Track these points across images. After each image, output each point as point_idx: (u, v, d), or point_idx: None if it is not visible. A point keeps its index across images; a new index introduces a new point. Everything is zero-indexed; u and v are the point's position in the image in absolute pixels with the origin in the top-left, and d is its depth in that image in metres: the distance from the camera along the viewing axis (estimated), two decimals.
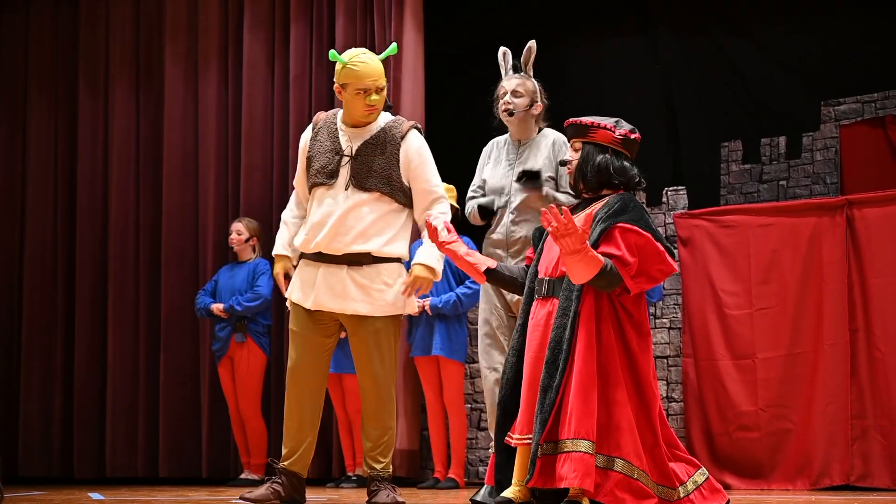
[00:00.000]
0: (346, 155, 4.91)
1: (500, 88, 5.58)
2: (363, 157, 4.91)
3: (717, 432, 6.94)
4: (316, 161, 4.94)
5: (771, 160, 7.62)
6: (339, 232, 4.85)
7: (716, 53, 7.84)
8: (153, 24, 8.82)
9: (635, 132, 4.62)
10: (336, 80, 4.92)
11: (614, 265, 4.32)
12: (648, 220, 4.44)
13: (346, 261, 4.86)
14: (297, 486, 4.99)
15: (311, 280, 4.92)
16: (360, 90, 4.85)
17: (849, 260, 6.67)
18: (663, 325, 7.33)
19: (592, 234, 4.40)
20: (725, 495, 4.63)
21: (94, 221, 8.76)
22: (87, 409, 8.60)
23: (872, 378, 6.54)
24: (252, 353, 7.81)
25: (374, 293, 4.88)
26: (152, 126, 8.76)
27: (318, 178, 4.92)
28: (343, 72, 4.87)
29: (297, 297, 4.95)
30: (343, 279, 4.87)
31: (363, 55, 4.91)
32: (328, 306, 4.89)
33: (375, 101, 4.88)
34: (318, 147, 4.97)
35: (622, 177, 4.58)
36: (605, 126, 4.61)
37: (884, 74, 7.36)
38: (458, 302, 7.03)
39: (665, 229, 7.40)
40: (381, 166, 4.89)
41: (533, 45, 5.56)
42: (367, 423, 4.97)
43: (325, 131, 5.00)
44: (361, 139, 4.94)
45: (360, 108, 4.90)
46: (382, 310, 4.89)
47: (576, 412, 4.25)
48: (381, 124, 4.98)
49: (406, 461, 7.58)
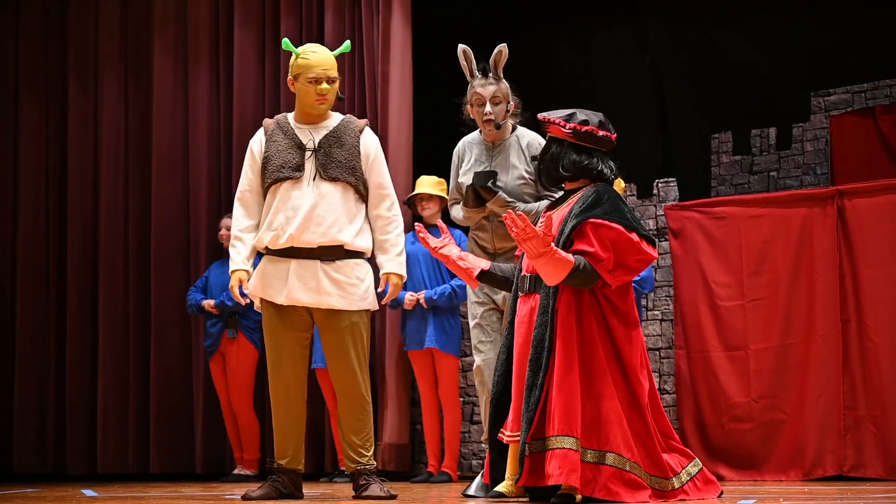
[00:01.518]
0: (309, 148, 4.94)
1: (472, 94, 5.48)
2: (326, 149, 4.94)
3: (709, 424, 6.95)
4: (276, 158, 4.94)
5: (761, 151, 7.62)
6: (311, 223, 4.86)
7: (705, 44, 7.83)
8: (142, 18, 8.79)
9: (589, 123, 4.56)
10: (290, 74, 4.97)
11: (588, 262, 4.32)
12: (624, 210, 4.43)
13: (319, 255, 4.88)
14: (295, 481, 5.04)
15: (281, 276, 4.91)
16: (312, 79, 4.90)
17: (840, 250, 6.68)
18: (655, 317, 7.33)
19: (564, 229, 4.41)
20: (719, 486, 4.64)
21: (84, 218, 8.73)
22: (79, 405, 8.58)
23: (864, 368, 6.55)
24: (243, 348, 7.80)
25: (348, 287, 4.90)
26: (142, 121, 8.73)
27: (281, 173, 4.90)
28: (295, 63, 4.94)
29: (270, 294, 4.93)
30: (316, 273, 4.87)
31: (315, 46, 5.03)
32: (302, 301, 4.89)
33: (326, 91, 4.91)
34: (276, 147, 4.96)
35: (573, 170, 4.56)
36: (555, 120, 4.59)
37: (873, 65, 7.36)
38: (453, 293, 7.02)
39: (656, 221, 7.40)
40: (344, 157, 4.93)
41: (504, 48, 5.45)
42: (349, 417, 4.96)
43: (279, 132, 5.00)
44: (320, 133, 4.98)
45: (311, 98, 4.93)
46: (357, 304, 4.92)
47: (559, 409, 4.26)
48: (336, 120, 5.03)
49: (396, 455, 7.58)
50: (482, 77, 5.46)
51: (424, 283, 7.17)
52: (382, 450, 7.48)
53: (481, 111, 5.44)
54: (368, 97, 7.91)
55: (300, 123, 5.02)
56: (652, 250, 4.42)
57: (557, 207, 4.62)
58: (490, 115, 5.42)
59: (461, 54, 5.52)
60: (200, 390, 8.26)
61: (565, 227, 4.42)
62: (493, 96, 5.43)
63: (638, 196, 7.52)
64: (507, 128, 5.51)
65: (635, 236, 4.37)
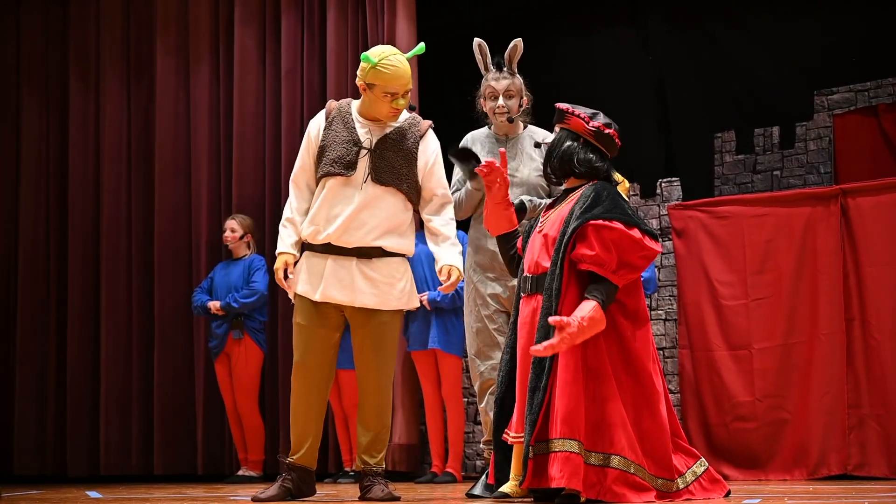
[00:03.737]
0: (366, 147, 4.85)
1: (486, 87, 5.50)
2: (382, 152, 4.85)
3: (713, 423, 6.94)
4: (331, 150, 4.85)
5: (764, 150, 7.61)
6: (351, 226, 4.81)
7: (708, 43, 7.83)
8: (143, 19, 8.79)
9: (611, 127, 4.57)
10: (361, 79, 4.81)
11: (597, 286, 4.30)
12: (624, 206, 4.42)
13: (356, 253, 4.83)
14: (307, 480, 4.97)
15: (318, 272, 4.86)
16: (388, 93, 4.78)
17: (843, 249, 6.67)
18: (659, 316, 7.33)
19: (566, 231, 4.40)
20: (725, 486, 4.63)
21: (85, 219, 8.73)
22: (80, 407, 8.57)
23: (868, 367, 6.54)
24: (249, 349, 7.79)
25: (383, 286, 4.85)
26: (144, 122, 8.74)
27: (333, 168, 4.83)
28: (371, 72, 4.77)
29: (304, 289, 4.88)
30: (352, 271, 4.83)
31: (393, 57, 4.80)
32: (336, 298, 4.84)
33: (402, 105, 4.82)
34: (333, 136, 4.87)
35: (585, 168, 4.57)
36: (580, 115, 4.59)
37: (876, 63, 7.36)
38: (456, 294, 7.01)
39: (659, 221, 7.40)
40: (399, 163, 4.85)
41: (519, 42, 5.48)
42: (367, 417, 4.93)
43: (339, 121, 4.91)
44: (380, 133, 4.88)
45: (385, 111, 4.83)
46: (389, 304, 4.87)
47: (561, 412, 4.25)
48: (400, 120, 4.93)
49: (405, 456, 7.57)
50: (496, 71, 5.48)
51: (427, 284, 7.16)
52: (392, 451, 7.46)
53: (494, 105, 5.46)
54: None
55: (363, 118, 4.92)
56: (655, 245, 4.40)
57: (557, 206, 4.62)
58: (503, 108, 5.43)
59: (476, 48, 5.53)
60: (202, 391, 8.25)
61: (567, 228, 4.41)
62: (506, 90, 5.45)
63: (641, 196, 7.51)
64: (518, 123, 5.53)
65: (637, 232, 4.36)
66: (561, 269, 4.37)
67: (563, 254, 4.38)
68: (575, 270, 4.38)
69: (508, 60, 5.48)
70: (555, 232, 4.46)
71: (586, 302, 4.27)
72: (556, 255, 4.40)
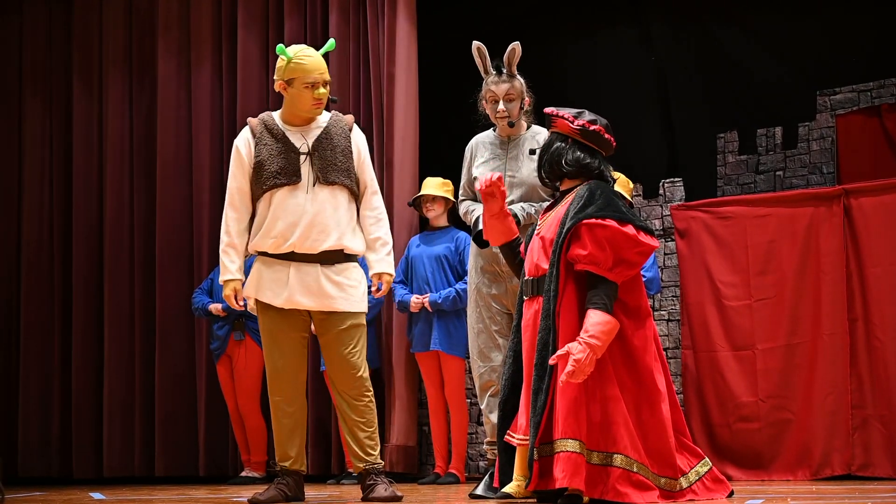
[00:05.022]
0: (304, 152, 4.93)
1: (486, 91, 5.52)
2: (321, 152, 4.94)
3: (717, 424, 6.94)
4: (270, 163, 4.91)
5: (767, 150, 7.60)
6: (312, 230, 4.87)
7: (710, 44, 7.81)
8: (146, 21, 8.79)
9: (596, 123, 4.58)
10: (279, 77, 4.94)
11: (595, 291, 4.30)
12: (617, 204, 4.42)
13: (319, 259, 4.89)
14: (300, 483, 5.06)
15: (280, 278, 4.90)
16: (308, 84, 4.89)
17: (846, 249, 6.67)
18: (662, 317, 7.32)
19: (562, 232, 4.41)
20: (728, 486, 4.63)
21: (89, 220, 8.73)
22: (84, 408, 8.57)
23: (872, 367, 6.54)
24: (250, 351, 7.79)
25: (349, 289, 4.93)
26: (146, 124, 8.73)
27: (279, 180, 4.88)
28: (288, 67, 4.91)
29: (267, 296, 4.92)
30: (317, 277, 4.89)
31: (308, 49, 4.97)
32: (304, 304, 4.90)
33: (323, 95, 4.91)
34: (268, 150, 4.94)
35: (574, 167, 4.57)
36: (564, 116, 4.61)
37: (879, 63, 7.34)
38: (458, 297, 7.01)
39: (662, 221, 7.39)
40: (339, 159, 4.94)
41: (517, 46, 5.48)
42: (353, 414, 4.96)
43: (267, 134, 4.98)
44: (312, 135, 4.97)
45: (308, 103, 4.92)
46: (357, 305, 4.96)
47: (563, 412, 4.25)
48: (324, 120, 5.02)
49: (404, 457, 7.56)
50: (496, 74, 5.48)
51: (429, 286, 7.16)
52: (390, 451, 7.46)
53: (495, 108, 5.48)
54: (374, 98, 7.90)
55: (289, 125, 5.00)
56: (651, 240, 4.40)
57: (554, 208, 4.62)
58: (504, 112, 5.44)
59: (475, 51, 5.54)
60: (203, 393, 8.25)
61: (562, 229, 4.42)
62: (506, 94, 5.47)
63: (644, 196, 7.51)
64: (521, 124, 5.53)
65: (631, 229, 4.37)
66: (557, 271, 4.38)
67: (558, 255, 4.38)
68: (572, 271, 4.38)
69: (507, 64, 5.49)
70: (551, 234, 4.47)
71: (591, 313, 4.27)
72: (553, 257, 4.41)
